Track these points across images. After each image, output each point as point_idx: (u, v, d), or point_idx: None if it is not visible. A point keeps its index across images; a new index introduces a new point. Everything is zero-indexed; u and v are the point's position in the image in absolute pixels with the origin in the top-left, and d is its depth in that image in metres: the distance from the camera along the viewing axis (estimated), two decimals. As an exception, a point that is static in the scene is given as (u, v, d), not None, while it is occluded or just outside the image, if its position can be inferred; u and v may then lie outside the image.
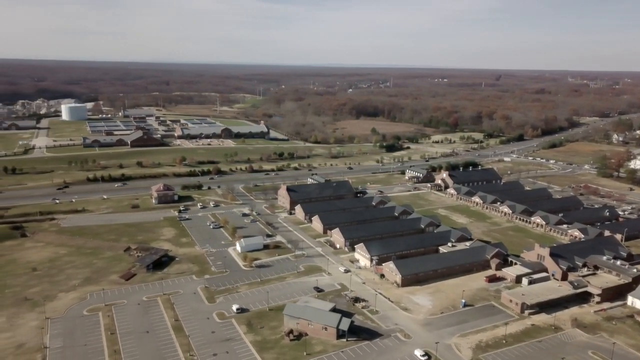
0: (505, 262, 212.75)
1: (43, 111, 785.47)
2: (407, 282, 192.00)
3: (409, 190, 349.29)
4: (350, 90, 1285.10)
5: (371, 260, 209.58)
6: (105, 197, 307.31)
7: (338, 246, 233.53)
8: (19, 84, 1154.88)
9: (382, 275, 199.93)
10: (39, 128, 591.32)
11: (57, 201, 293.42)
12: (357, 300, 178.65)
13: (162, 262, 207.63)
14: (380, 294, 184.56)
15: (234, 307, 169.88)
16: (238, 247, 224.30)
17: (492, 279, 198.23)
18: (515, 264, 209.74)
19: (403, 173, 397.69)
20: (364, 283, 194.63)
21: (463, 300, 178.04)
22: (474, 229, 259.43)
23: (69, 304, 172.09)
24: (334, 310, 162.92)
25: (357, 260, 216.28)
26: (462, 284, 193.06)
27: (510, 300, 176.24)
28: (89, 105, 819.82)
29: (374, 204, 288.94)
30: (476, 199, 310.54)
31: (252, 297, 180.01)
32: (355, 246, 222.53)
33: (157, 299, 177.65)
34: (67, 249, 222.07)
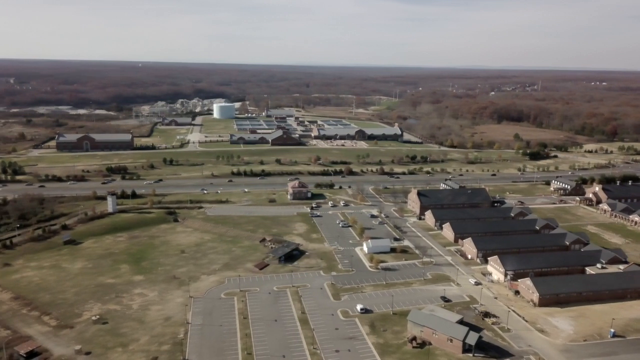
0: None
1: (198, 109, 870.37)
2: (545, 302, 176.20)
3: (554, 203, 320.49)
4: (493, 93, 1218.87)
5: (505, 275, 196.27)
6: (246, 190, 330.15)
7: (469, 257, 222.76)
8: (180, 85, 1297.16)
9: (517, 292, 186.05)
10: (193, 125, 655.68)
11: (205, 191, 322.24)
12: (487, 315, 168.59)
13: (293, 255, 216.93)
14: (514, 311, 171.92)
15: (358, 307, 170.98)
16: (365, 248, 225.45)
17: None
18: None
19: (548, 184, 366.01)
20: (495, 298, 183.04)
21: (612, 330, 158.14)
22: (630, 251, 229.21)
23: (209, 286, 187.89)
24: (461, 322, 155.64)
25: (490, 274, 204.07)
26: (611, 312, 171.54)
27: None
28: (237, 105, 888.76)
29: (512, 215, 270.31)
30: (635, 217, 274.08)
31: (377, 299, 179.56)
32: (488, 258, 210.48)
33: (287, 290, 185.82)
34: (210, 236, 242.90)
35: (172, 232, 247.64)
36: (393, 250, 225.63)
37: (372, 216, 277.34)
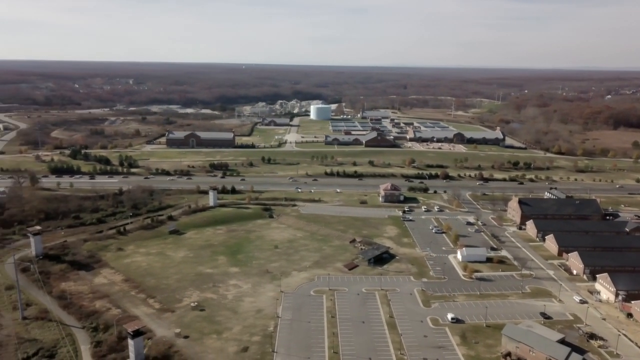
0: None
1: (296, 110, 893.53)
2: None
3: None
4: (609, 96, 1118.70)
5: (616, 295, 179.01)
6: (338, 190, 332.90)
7: (575, 272, 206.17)
8: (279, 86, 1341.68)
9: (630, 315, 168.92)
10: (291, 125, 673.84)
11: (299, 190, 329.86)
12: (592, 336, 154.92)
13: (382, 258, 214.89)
14: (625, 335, 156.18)
15: (449, 316, 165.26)
16: (459, 256, 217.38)
17: None
18: None
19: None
20: (603, 319, 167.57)
21: None
22: None
23: (299, 282, 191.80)
24: (562, 342, 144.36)
25: (598, 292, 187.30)
26: None
27: None
28: (333, 106, 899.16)
29: (627, 229, 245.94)
30: None
31: (469, 309, 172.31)
32: (597, 275, 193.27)
33: (375, 292, 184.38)
34: (303, 233, 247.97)
35: (267, 228, 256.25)
36: (489, 260, 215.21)
37: (468, 223, 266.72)
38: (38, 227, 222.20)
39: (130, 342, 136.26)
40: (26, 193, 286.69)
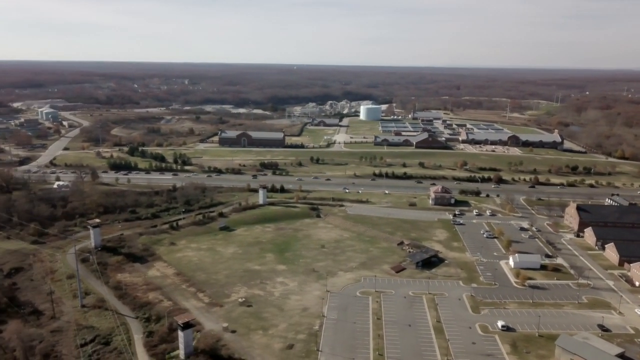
0: None
1: (345, 111, 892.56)
2: None
3: None
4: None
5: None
6: (386, 192, 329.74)
7: (637, 284, 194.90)
8: (330, 87, 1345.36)
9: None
10: (340, 125, 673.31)
11: (347, 190, 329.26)
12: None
13: (431, 262, 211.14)
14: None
15: (499, 323, 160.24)
16: (511, 262, 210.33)
17: None
18: None
19: None
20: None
21: None
22: None
23: (345, 283, 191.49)
24: (621, 356, 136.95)
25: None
26: None
27: None
28: (384, 107, 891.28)
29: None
30: None
31: (521, 318, 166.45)
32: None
33: (422, 296, 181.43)
34: (349, 234, 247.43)
35: (314, 227, 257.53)
36: (543, 267, 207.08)
37: (522, 229, 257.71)
38: (97, 220, 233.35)
39: (180, 333, 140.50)
40: (87, 187, 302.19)
